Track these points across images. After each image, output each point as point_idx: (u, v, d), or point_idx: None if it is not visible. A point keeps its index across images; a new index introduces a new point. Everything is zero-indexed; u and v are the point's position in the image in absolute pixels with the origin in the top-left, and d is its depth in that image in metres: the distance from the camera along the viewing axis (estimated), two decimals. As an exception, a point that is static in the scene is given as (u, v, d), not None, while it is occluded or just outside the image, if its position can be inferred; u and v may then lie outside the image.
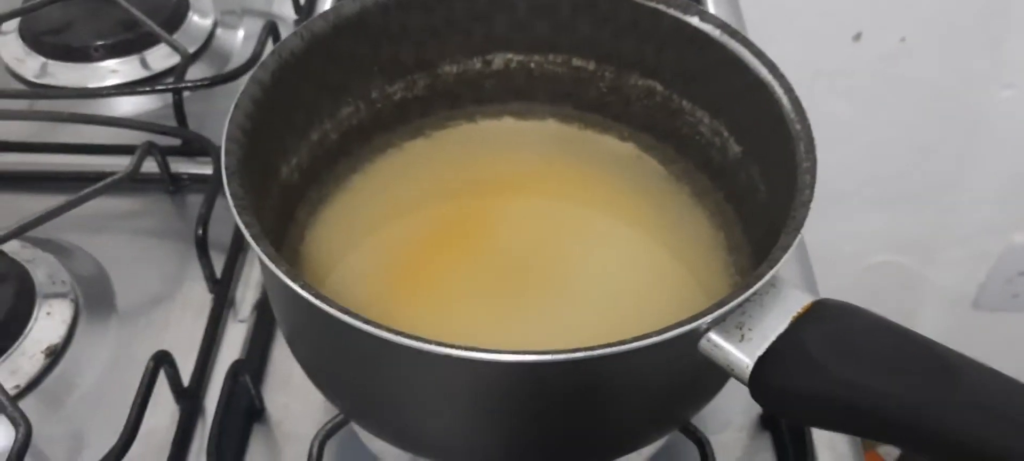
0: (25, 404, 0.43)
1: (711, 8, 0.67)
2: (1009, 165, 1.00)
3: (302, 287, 0.30)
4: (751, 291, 0.30)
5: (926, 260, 1.12)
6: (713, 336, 0.30)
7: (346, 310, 0.29)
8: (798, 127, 0.36)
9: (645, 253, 0.43)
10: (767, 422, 0.44)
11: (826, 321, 0.30)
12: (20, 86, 0.61)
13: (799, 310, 0.31)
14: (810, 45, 0.89)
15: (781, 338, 0.30)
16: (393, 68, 0.45)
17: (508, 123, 0.48)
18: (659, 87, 0.44)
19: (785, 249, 0.31)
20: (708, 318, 0.30)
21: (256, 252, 0.32)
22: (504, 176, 0.46)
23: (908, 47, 0.91)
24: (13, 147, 0.57)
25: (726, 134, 0.42)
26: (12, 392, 0.43)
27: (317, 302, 0.30)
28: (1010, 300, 1.12)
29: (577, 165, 0.46)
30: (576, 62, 0.46)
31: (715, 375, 0.33)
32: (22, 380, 0.44)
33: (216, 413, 0.41)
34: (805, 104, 0.37)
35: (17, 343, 0.45)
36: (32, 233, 0.49)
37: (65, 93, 0.60)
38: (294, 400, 0.45)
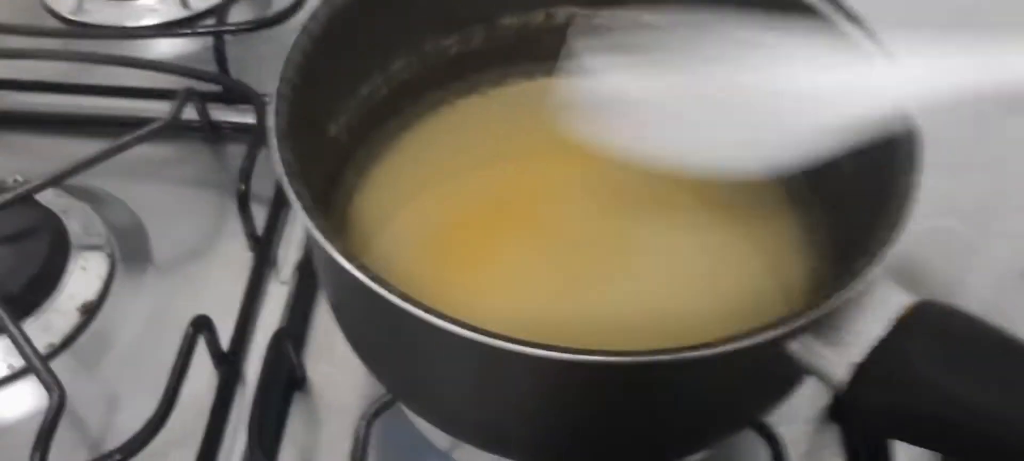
0: (58, 363, 0.41)
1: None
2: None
3: (357, 267, 0.28)
4: (853, 291, 0.27)
5: (978, 228, 1.08)
6: (805, 339, 0.28)
7: (399, 292, 0.27)
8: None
9: (720, 239, 0.40)
10: (835, 414, 0.41)
11: (930, 327, 0.27)
12: (55, 22, 0.59)
13: (900, 313, 0.28)
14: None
15: (882, 345, 0.27)
16: (449, 19, 0.42)
17: (570, 83, 0.45)
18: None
19: (885, 244, 0.28)
20: (802, 320, 0.27)
21: (307, 226, 0.29)
22: (566, 140, 0.43)
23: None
24: (47, 87, 0.55)
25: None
26: (45, 350, 0.42)
27: (370, 283, 0.28)
28: (1063, 273, 1.08)
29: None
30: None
31: (794, 375, 0.30)
32: (56, 338, 0.43)
33: (259, 386, 0.39)
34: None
35: (50, 298, 0.43)
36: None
37: (101, 33, 0.57)
38: (338, 370, 0.43)
